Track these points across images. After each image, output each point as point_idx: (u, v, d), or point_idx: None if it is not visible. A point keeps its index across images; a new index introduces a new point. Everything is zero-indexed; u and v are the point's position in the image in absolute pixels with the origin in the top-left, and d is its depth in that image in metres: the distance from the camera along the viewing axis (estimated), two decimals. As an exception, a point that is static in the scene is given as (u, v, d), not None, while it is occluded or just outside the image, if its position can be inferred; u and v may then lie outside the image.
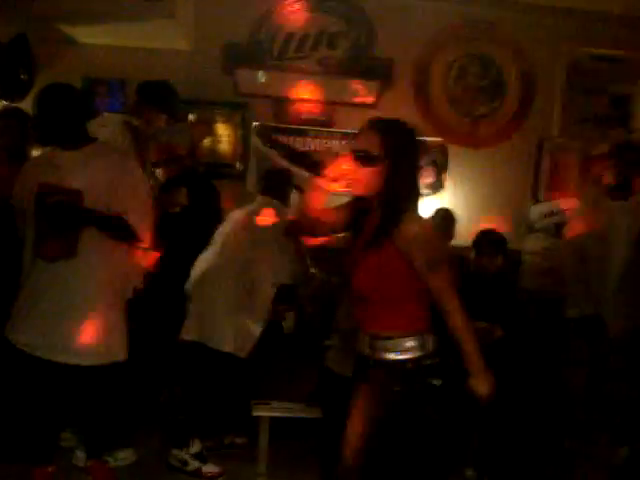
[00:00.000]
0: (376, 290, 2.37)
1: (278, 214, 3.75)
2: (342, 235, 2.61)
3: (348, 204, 2.49)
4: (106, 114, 3.74)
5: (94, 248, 2.99)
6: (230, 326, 3.69)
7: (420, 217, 2.41)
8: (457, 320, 2.34)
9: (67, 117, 2.98)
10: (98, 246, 3.00)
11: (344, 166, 2.35)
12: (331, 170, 2.37)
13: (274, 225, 3.70)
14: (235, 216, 3.89)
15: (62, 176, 2.95)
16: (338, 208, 2.51)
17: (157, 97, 3.83)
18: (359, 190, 2.36)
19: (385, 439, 2.40)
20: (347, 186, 2.36)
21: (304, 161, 3.67)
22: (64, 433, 3.56)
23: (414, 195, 2.39)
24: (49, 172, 2.98)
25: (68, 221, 2.91)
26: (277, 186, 3.94)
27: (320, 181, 2.40)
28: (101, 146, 3.13)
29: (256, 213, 3.83)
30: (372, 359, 2.40)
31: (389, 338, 2.38)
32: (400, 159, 2.33)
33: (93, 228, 2.97)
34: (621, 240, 4.18)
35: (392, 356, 2.37)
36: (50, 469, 3.16)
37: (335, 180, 2.36)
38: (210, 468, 3.63)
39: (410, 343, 2.37)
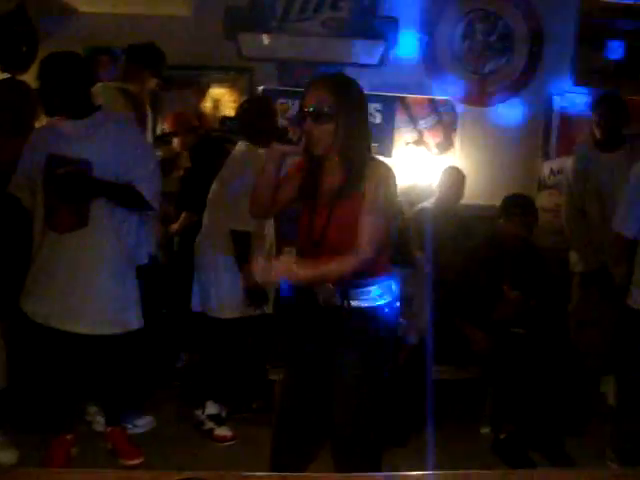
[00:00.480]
0: (351, 241, 2.33)
1: (250, 160, 3.44)
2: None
3: (295, 169, 2.50)
4: (99, 84, 3.71)
5: (104, 218, 2.99)
6: (227, 291, 3.59)
7: (384, 162, 2.44)
8: (349, 257, 2.31)
9: (72, 86, 2.96)
10: (108, 215, 3.00)
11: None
12: (291, 133, 2.32)
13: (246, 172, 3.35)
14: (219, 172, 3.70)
15: (70, 146, 2.94)
16: (286, 178, 2.50)
17: (148, 59, 3.82)
18: (317, 149, 2.34)
19: (376, 384, 2.43)
20: (305, 147, 2.32)
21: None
22: (89, 407, 3.60)
23: (369, 144, 2.45)
24: (57, 143, 2.97)
25: (78, 192, 2.90)
26: (252, 127, 3.62)
27: (278, 146, 2.36)
28: (106, 114, 3.11)
29: (231, 164, 3.65)
30: (346, 309, 2.38)
31: (364, 285, 2.39)
32: (354, 112, 2.36)
33: (103, 198, 2.96)
34: (616, 192, 4.15)
35: (369, 303, 2.39)
36: (69, 437, 3.20)
37: (295, 143, 2.31)
38: (223, 431, 3.66)
39: (382, 288, 2.41)
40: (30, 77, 4.31)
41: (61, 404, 3.22)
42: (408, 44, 5.14)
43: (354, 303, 2.38)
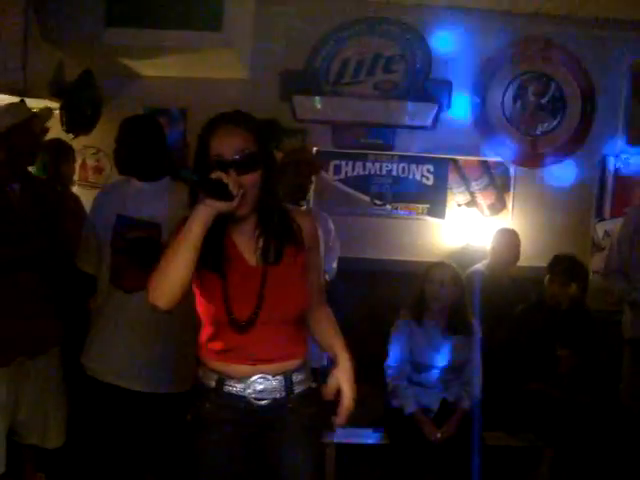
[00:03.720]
0: (291, 311, 2.03)
1: None
2: None
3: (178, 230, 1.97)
4: None
5: None
6: None
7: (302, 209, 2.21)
8: (327, 311, 2.18)
9: (151, 149, 3.05)
10: None
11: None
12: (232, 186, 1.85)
13: None
14: None
15: (140, 208, 3.01)
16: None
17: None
18: (246, 206, 1.93)
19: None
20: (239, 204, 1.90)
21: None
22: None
23: None
24: (126, 203, 3.04)
25: (148, 257, 2.96)
26: None
27: (214, 203, 1.86)
28: (173, 180, 3.18)
29: None
30: (290, 400, 2.07)
31: (302, 367, 2.10)
32: (272, 154, 2.05)
33: None
34: None
35: (308, 384, 2.12)
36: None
37: (232, 198, 1.87)
38: None
39: (309, 364, 2.16)
40: (95, 137, 4.55)
41: (113, 461, 3.24)
42: (461, 106, 5.17)
43: (296, 389, 2.08)
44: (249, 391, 2.04)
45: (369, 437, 3.69)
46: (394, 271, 4.73)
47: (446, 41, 5.10)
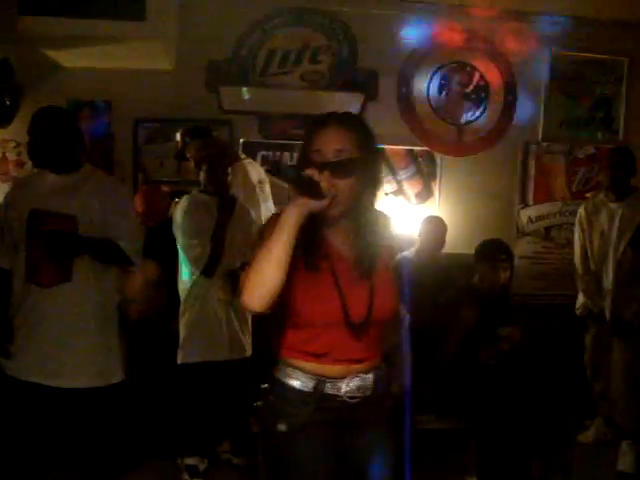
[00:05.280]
0: (392, 311, 2.07)
1: None
2: None
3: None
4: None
5: (87, 272, 2.97)
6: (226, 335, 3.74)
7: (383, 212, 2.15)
8: None
9: (63, 141, 2.97)
10: (90, 270, 2.99)
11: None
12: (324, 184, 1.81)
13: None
14: None
15: (55, 201, 2.93)
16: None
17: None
18: (337, 208, 1.89)
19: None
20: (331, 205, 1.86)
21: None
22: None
23: None
24: (40, 197, 2.95)
25: (64, 249, 2.89)
26: None
27: (306, 202, 1.82)
28: (91, 171, 3.11)
29: None
30: (376, 396, 2.07)
31: (381, 363, 2.13)
32: (377, 162, 2.02)
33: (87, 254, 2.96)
34: (620, 240, 4.25)
35: (386, 380, 2.16)
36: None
37: (322, 196, 1.82)
38: None
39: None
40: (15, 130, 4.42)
41: (37, 466, 3.15)
42: (386, 96, 5.22)
43: (381, 386, 2.09)
44: (346, 389, 2.01)
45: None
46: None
47: (372, 32, 5.13)
